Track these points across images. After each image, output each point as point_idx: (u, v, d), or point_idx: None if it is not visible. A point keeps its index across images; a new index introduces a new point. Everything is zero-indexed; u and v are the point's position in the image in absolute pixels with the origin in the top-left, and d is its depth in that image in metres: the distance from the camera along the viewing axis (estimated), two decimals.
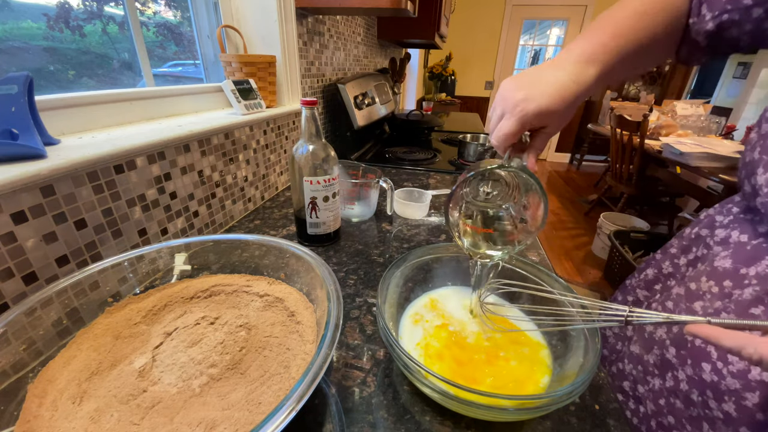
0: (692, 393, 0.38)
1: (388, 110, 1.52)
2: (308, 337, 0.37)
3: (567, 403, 0.30)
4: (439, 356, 0.39)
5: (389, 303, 0.43)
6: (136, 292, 0.43)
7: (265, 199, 0.88)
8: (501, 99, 0.38)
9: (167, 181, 0.58)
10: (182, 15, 0.82)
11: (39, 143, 0.41)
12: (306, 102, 0.55)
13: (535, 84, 0.36)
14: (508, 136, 0.36)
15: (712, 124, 2.39)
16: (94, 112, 0.56)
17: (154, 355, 0.35)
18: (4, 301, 0.39)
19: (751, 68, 3.41)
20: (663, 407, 0.41)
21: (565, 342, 0.40)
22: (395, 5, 0.91)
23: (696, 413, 0.37)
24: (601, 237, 2.27)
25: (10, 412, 0.29)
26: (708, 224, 0.47)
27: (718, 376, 0.35)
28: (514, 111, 0.36)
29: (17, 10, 0.52)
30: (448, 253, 0.50)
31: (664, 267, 0.52)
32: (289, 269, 0.45)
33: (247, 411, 0.30)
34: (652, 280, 0.54)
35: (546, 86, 0.35)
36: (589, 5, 3.75)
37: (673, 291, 0.47)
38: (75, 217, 0.44)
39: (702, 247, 0.46)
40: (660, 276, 0.53)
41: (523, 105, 0.35)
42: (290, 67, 0.92)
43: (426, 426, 0.35)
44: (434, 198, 0.87)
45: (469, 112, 3.13)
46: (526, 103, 0.35)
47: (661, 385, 0.41)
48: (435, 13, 1.62)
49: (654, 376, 0.43)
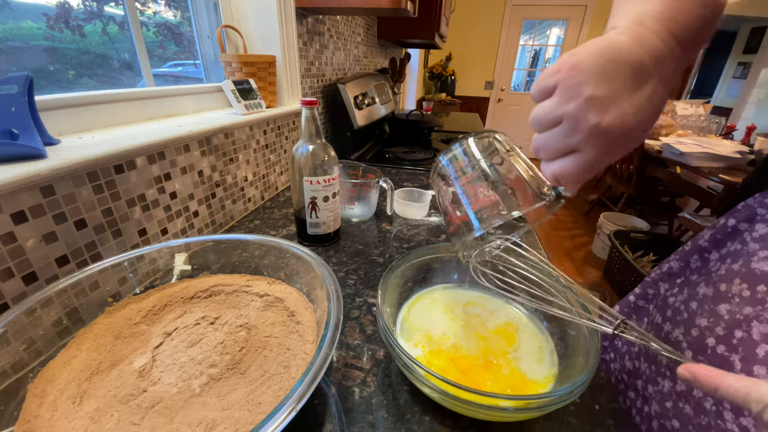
0: (706, 401, 0.35)
1: (388, 110, 1.52)
2: (308, 337, 0.37)
3: (567, 403, 0.30)
4: (438, 356, 0.39)
5: (389, 303, 0.43)
6: (136, 292, 0.43)
7: (265, 199, 0.88)
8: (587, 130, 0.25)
9: (167, 181, 0.58)
10: (182, 15, 0.82)
11: (39, 143, 0.41)
12: (306, 102, 0.55)
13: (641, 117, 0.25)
14: (579, 180, 0.28)
15: (712, 124, 2.39)
16: (94, 112, 0.56)
17: (154, 355, 0.35)
18: (4, 301, 0.39)
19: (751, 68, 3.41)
20: (669, 410, 0.39)
21: (565, 342, 0.40)
22: (395, 5, 0.91)
23: (706, 422, 0.35)
24: (601, 237, 2.27)
25: (10, 412, 0.29)
26: (747, 216, 0.41)
27: None
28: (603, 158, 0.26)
29: (17, 10, 0.52)
30: (448, 253, 0.50)
31: (691, 261, 0.47)
32: (289, 269, 0.45)
33: (247, 411, 0.30)
34: (676, 273, 0.48)
35: (652, 120, 0.26)
36: (589, 5, 3.75)
37: (699, 291, 0.42)
38: (75, 217, 0.44)
39: (737, 243, 0.41)
40: (686, 270, 0.47)
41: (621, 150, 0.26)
42: (290, 67, 0.92)
43: (426, 426, 0.35)
44: (434, 198, 0.87)
45: (469, 112, 3.13)
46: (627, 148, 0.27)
47: (671, 388, 0.40)
48: (435, 13, 1.62)
49: (665, 377, 0.41)
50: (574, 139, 0.26)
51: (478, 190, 0.34)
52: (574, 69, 0.25)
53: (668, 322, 0.44)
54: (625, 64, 0.25)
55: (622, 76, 0.25)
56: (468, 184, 0.34)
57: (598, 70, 0.25)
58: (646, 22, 0.26)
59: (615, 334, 0.29)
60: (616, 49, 0.25)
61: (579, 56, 0.25)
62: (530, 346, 0.41)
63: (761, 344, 0.32)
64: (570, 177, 0.28)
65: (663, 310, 0.46)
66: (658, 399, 0.41)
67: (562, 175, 0.28)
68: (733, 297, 0.37)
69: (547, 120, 0.27)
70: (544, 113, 0.27)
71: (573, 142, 0.26)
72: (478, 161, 0.34)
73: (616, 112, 0.24)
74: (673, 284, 0.48)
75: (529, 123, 0.29)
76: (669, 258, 0.50)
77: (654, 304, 0.50)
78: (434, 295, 0.49)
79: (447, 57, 3.98)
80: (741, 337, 0.34)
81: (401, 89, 2.35)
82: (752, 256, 0.37)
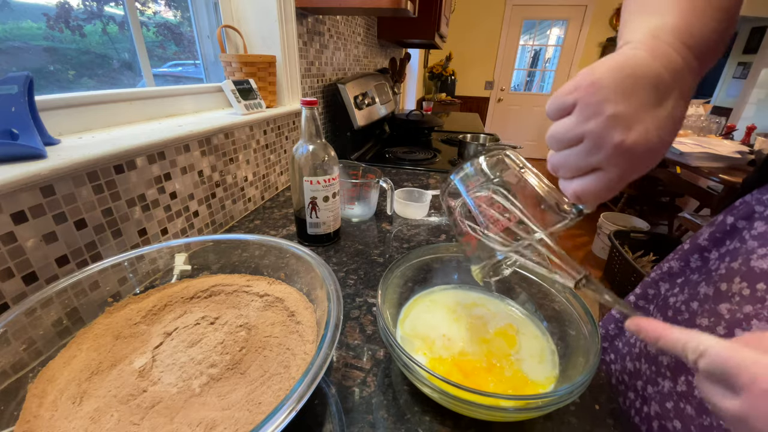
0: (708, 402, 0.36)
1: (388, 110, 1.52)
2: (308, 337, 0.37)
3: (567, 403, 0.30)
4: (442, 362, 0.39)
5: (389, 303, 0.43)
6: (136, 292, 0.43)
7: (265, 199, 0.88)
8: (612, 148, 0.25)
9: (167, 181, 0.58)
10: (182, 15, 0.82)
11: (39, 143, 0.41)
12: (306, 102, 0.55)
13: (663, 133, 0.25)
14: (601, 199, 0.28)
15: (712, 124, 2.39)
16: (94, 112, 0.56)
17: (154, 355, 0.35)
18: (4, 301, 0.39)
19: (751, 68, 3.41)
20: (669, 411, 0.39)
21: (565, 342, 0.40)
22: (395, 5, 0.91)
23: (709, 422, 0.35)
24: (601, 237, 2.27)
25: (10, 412, 0.29)
26: (746, 214, 0.41)
27: None
28: (628, 175, 0.26)
29: (17, 10, 0.52)
30: (448, 253, 0.50)
31: (692, 260, 0.46)
32: (289, 269, 0.45)
33: (247, 411, 0.30)
34: (677, 273, 0.48)
35: (673, 135, 0.26)
36: (589, 5, 3.75)
37: (700, 290, 0.42)
38: (75, 217, 0.44)
39: (736, 241, 0.41)
40: (686, 269, 0.47)
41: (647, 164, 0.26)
42: (290, 67, 0.92)
43: (426, 426, 0.35)
44: (434, 198, 0.87)
45: (469, 112, 3.13)
46: (651, 164, 0.26)
47: (671, 389, 0.40)
48: (435, 13, 1.62)
49: (665, 378, 0.41)
50: (597, 157, 0.25)
51: (495, 211, 0.33)
52: (594, 86, 0.25)
53: (669, 322, 0.43)
54: (645, 79, 0.24)
55: (643, 91, 0.24)
56: (483, 205, 0.34)
57: (618, 86, 0.24)
58: (662, 36, 0.25)
59: (576, 288, 0.29)
60: (634, 64, 0.24)
61: (598, 73, 0.25)
62: (532, 348, 0.41)
63: None
64: (592, 196, 0.27)
65: (664, 311, 0.46)
66: (658, 399, 0.41)
67: (583, 193, 0.28)
68: (733, 296, 0.37)
69: (566, 138, 0.27)
70: (563, 131, 0.27)
71: (595, 161, 0.26)
72: (492, 180, 0.34)
73: (641, 129, 0.24)
74: (674, 284, 0.48)
75: (546, 140, 0.29)
76: (668, 257, 0.50)
77: (654, 305, 0.50)
78: (434, 296, 0.49)
79: (447, 57, 3.99)
80: None
81: (401, 89, 2.35)
82: (751, 254, 0.37)
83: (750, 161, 1.78)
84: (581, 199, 0.28)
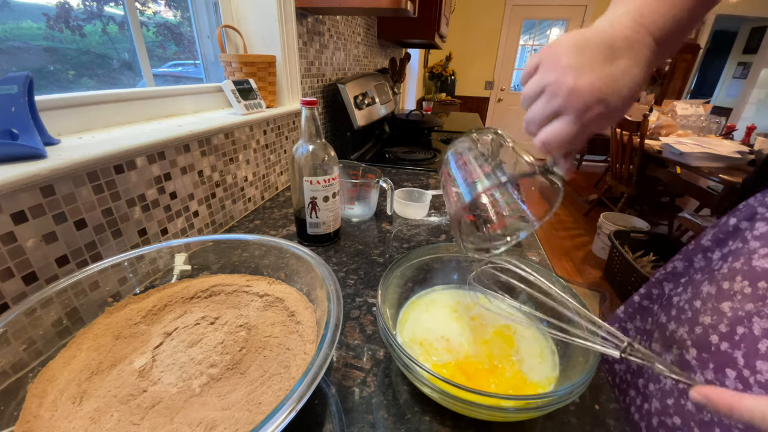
0: None
1: (388, 110, 1.52)
2: (308, 337, 0.37)
3: (567, 403, 0.30)
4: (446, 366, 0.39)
5: (389, 303, 0.43)
6: (136, 292, 0.43)
7: (265, 199, 0.88)
8: (566, 91, 0.29)
9: (167, 181, 0.58)
10: (182, 15, 0.82)
11: (39, 143, 0.41)
12: (306, 102, 0.55)
13: (614, 86, 0.28)
14: (565, 144, 0.31)
15: (712, 124, 2.39)
16: (94, 112, 0.56)
17: (154, 355, 0.35)
18: (4, 301, 0.39)
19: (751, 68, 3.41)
20: (670, 407, 0.39)
21: (565, 342, 0.40)
22: (395, 5, 0.91)
23: (709, 418, 0.35)
24: (601, 237, 2.27)
25: (10, 412, 0.29)
26: (748, 215, 0.42)
27: (744, 384, 0.33)
28: (583, 117, 0.29)
29: (17, 10, 0.52)
30: (448, 253, 0.50)
31: (695, 260, 0.48)
32: (289, 269, 0.45)
33: (247, 411, 0.30)
34: (681, 273, 0.49)
35: (626, 90, 0.29)
36: (589, 5, 3.75)
37: (703, 289, 0.43)
38: (75, 217, 0.44)
39: (739, 241, 0.42)
40: (690, 269, 0.48)
41: (599, 112, 0.29)
42: (290, 67, 0.92)
43: (426, 426, 0.35)
44: (434, 198, 0.87)
45: (469, 112, 3.13)
46: (604, 111, 0.29)
47: (673, 386, 0.40)
48: (435, 13, 1.62)
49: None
50: (556, 102, 0.30)
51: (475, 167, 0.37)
52: (552, 47, 0.30)
53: (673, 321, 0.44)
54: (598, 40, 0.29)
55: (596, 50, 0.29)
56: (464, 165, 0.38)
57: (572, 45, 0.29)
58: (621, 17, 0.30)
59: (623, 357, 0.29)
60: (588, 31, 0.30)
61: (557, 40, 0.31)
62: (532, 349, 0.41)
63: (762, 339, 0.33)
64: (556, 140, 0.31)
65: (668, 310, 0.46)
66: (659, 396, 0.41)
67: (547, 138, 0.31)
68: (735, 294, 0.38)
69: (534, 92, 0.31)
70: (529, 87, 0.32)
71: (555, 105, 0.30)
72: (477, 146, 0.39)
73: (591, 76, 0.28)
74: (678, 284, 0.49)
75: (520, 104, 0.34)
76: (673, 258, 0.51)
77: (658, 304, 0.50)
78: (433, 297, 0.49)
79: (447, 57, 3.98)
80: (743, 333, 0.35)
81: (401, 89, 2.35)
82: (753, 254, 0.38)
83: (750, 161, 1.78)
84: (547, 148, 0.32)
